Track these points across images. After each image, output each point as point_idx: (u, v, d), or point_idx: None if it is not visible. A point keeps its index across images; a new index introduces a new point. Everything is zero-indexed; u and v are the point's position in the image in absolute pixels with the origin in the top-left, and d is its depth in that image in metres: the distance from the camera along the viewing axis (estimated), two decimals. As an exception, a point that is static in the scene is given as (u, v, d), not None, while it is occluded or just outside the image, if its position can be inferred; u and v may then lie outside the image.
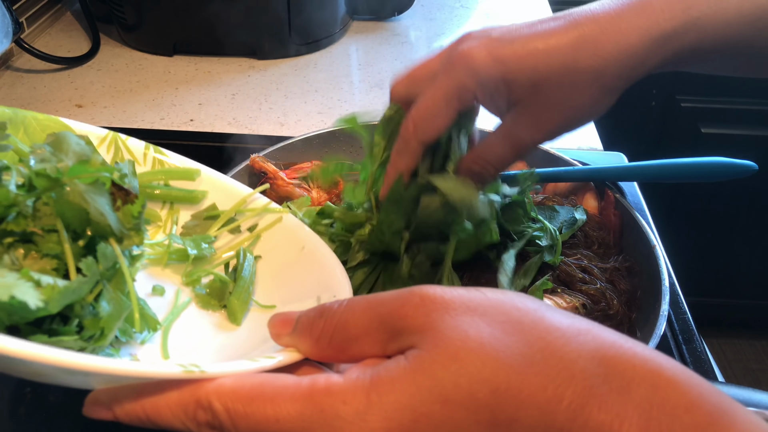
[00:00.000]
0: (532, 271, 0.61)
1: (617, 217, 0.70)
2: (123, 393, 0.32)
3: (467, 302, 0.31)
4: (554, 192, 0.74)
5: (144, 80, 1.10)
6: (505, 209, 0.63)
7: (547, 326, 0.30)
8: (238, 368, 0.32)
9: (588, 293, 0.62)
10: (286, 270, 0.50)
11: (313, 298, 0.45)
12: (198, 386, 0.31)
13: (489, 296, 0.32)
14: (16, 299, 0.32)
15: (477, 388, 0.29)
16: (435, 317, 0.31)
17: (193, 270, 0.50)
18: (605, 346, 0.30)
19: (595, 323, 0.31)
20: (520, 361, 0.29)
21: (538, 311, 0.31)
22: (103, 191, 0.38)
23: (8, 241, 0.36)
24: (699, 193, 1.69)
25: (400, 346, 0.31)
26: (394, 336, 0.32)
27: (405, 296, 0.32)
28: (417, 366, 0.30)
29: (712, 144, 1.64)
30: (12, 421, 0.57)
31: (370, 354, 0.33)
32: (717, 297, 1.89)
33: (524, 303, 0.32)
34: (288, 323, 0.36)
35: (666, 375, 0.29)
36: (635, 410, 0.28)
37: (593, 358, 0.29)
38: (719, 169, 0.66)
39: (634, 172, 0.71)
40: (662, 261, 0.63)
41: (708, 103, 1.65)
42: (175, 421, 0.32)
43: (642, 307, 0.63)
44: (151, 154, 0.55)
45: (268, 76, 1.12)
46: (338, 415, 0.30)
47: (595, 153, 0.93)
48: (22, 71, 1.12)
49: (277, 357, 0.34)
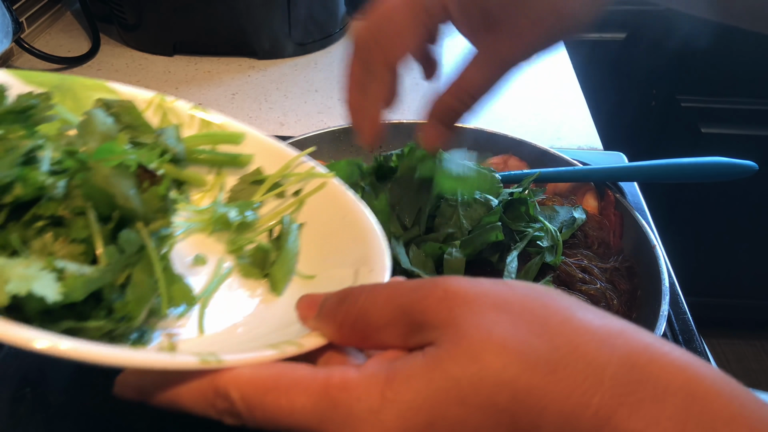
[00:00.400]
0: (532, 272, 0.61)
1: (617, 217, 0.70)
2: (149, 378, 0.33)
3: (493, 298, 0.30)
4: (554, 192, 0.74)
5: (144, 80, 1.10)
6: (507, 207, 0.63)
7: (576, 327, 0.28)
8: (256, 358, 0.32)
9: (588, 293, 0.62)
10: (328, 238, 0.48)
11: (351, 270, 0.44)
12: (217, 376, 0.31)
13: (516, 291, 0.30)
14: (34, 294, 0.32)
15: (497, 392, 0.27)
16: (458, 313, 0.29)
17: (236, 238, 0.48)
18: (639, 351, 0.28)
19: (629, 324, 0.29)
20: (544, 365, 0.27)
21: (568, 310, 0.29)
22: (128, 174, 0.37)
23: (38, 225, 0.37)
24: (699, 193, 1.69)
25: (420, 341, 0.30)
26: (415, 329, 0.30)
27: (428, 288, 0.31)
28: (435, 365, 0.28)
29: (712, 144, 1.64)
30: (12, 421, 0.57)
31: (391, 344, 0.32)
32: (717, 297, 1.89)
33: (553, 300, 0.30)
34: (313, 306, 0.35)
35: (705, 384, 0.27)
36: (669, 421, 0.26)
37: (625, 364, 0.27)
38: (719, 169, 0.66)
39: (634, 172, 0.71)
40: (662, 261, 0.63)
41: (708, 103, 1.65)
42: (196, 407, 0.32)
43: (642, 307, 0.63)
44: (198, 115, 0.54)
45: (268, 76, 1.12)
46: (352, 412, 0.29)
47: (595, 153, 0.93)
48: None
49: (300, 344, 0.34)
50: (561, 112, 1.05)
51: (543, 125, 1.01)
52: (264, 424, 0.31)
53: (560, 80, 1.14)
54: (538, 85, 1.12)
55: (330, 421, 0.29)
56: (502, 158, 0.78)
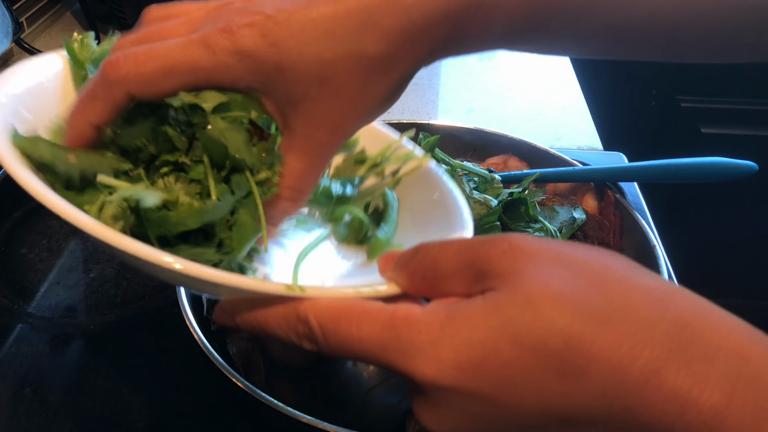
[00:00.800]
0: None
1: (617, 217, 0.70)
2: (242, 305, 0.37)
3: (555, 254, 0.31)
4: (554, 192, 0.74)
5: (144, 80, 1.10)
6: (507, 207, 0.63)
7: (631, 285, 0.30)
8: (336, 292, 0.36)
9: (588, 293, 0.62)
10: (419, 214, 0.52)
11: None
12: (299, 303, 0.35)
13: (578, 250, 0.32)
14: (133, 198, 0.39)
15: (549, 336, 0.28)
16: (520, 264, 0.31)
17: (336, 209, 0.52)
18: (693, 312, 0.29)
19: (685, 289, 0.31)
20: (598, 315, 0.28)
21: (626, 270, 0.31)
22: (241, 129, 0.42)
23: (164, 171, 0.43)
24: (699, 193, 1.69)
25: (483, 287, 0.32)
26: (479, 277, 0.32)
27: (495, 241, 0.32)
28: (493, 306, 0.30)
29: (712, 144, 1.64)
30: (12, 421, 0.57)
31: (457, 292, 0.33)
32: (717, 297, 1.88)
33: (613, 261, 0.32)
34: (391, 260, 0.38)
35: (757, 349, 0.28)
36: (719, 380, 0.27)
37: (678, 322, 0.28)
38: (719, 169, 0.66)
39: (634, 172, 0.71)
40: (662, 261, 0.63)
41: (708, 103, 1.65)
42: (280, 331, 0.36)
43: (642, 307, 0.63)
44: None
45: (268, 76, 1.12)
46: (412, 342, 0.31)
47: (595, 153, 0.93)
48: (22, 71, 1.12)
49: (375, 288, 0.37)
50: (561, 112, 1.05)
51: (543, 125, 1.01)
52: (336, 349, 0.34)
53: (560, 80, 1.14)
54: (538, 85, 1.12)
55: (392, 350, 0.31)
56: (502, 158, 0.78)
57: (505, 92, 1.10)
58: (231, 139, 0.41)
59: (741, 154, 0.68)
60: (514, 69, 1.18)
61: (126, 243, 0.35)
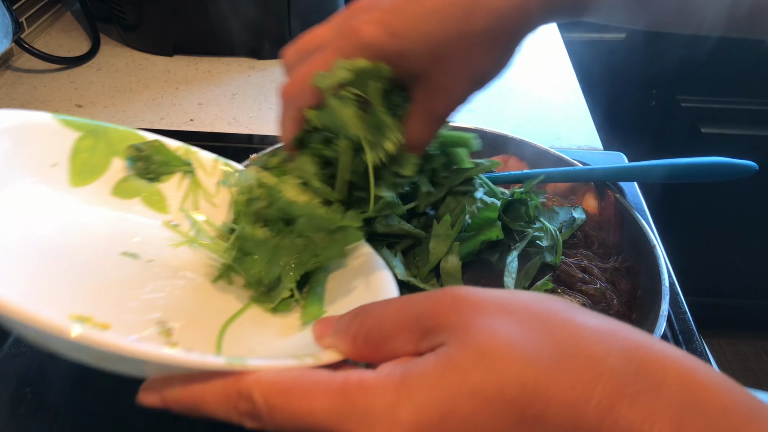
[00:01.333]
0: (532, 272, 0.61)
1: (617, 217, 0.70)
2: (174, 381, 0.35)
3: (498, 302, 0.32)
4: (554, 192, 0.74)
5: (144, 80, 1.10)
6: (507, 207, 0.63)
7: (576, 325, 0.30)
8: (279, 364, 0.34)
9: (588, 293, 0.62)
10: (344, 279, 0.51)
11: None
12: (240, 378, 0.33)
13: (520, 297, 0.32)
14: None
15: (505, 385, 0.29)
16: (466, 316, 0.31)
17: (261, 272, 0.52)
18: (635, 346, 0.29)
19: (625, 324, 0.31)
20: (549, 358, 0.29)
21: (568, 311, 0.31)
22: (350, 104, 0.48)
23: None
24: (699, 193, 1.69)
25: (431, 344, 0.32)
26: (426, 334, 0.32)
27: (438, 296, 0.33)
28: (446, 363, 0.30)
29: (712, 144, 1.64)
30: (12, 421, 0.57)
31: (404, 352, 0.33)
32: (717, 297, 1.89)
33: (554, 304, 0.32)
34: (329, 325, 0.37)
35: (699, 377, 0.28)
36: (667, 410, 0.27)
37: (623, 357, 0.29)
38: (719, 169, 0.66)
39: (634, 172, 0.71)
40: (662, 261, 0.63)
41: (708, 103, 1.65)
42: (218, 410, 0.34)
43: (642, 307, 0.63)
44: (220, 166, 0.59)
45: (268, 76, 1.12)
46: (369, 409, 0.30)
47: (595, 153, 0.93)
48: (22, 71, 1.12)
49: (317, 356, 0.36)
50: (561, 112, 1.05)
51: (543, 125, 1.01)
52: (284, 425, 0.32)
53: (560, 80, 1.14)
54: (538, 85, 1.12)
55: (348, 420, 0.31)
56: (502, 158, 0.78)
57: (505, 92, 1.10)
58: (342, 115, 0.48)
59: (741, 154, 0.68)
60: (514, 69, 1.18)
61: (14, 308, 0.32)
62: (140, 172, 0.57)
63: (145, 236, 0.54)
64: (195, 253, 0.54)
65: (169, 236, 0.55)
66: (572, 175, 0.72)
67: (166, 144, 0.58)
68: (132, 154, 0.57)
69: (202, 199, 0.58)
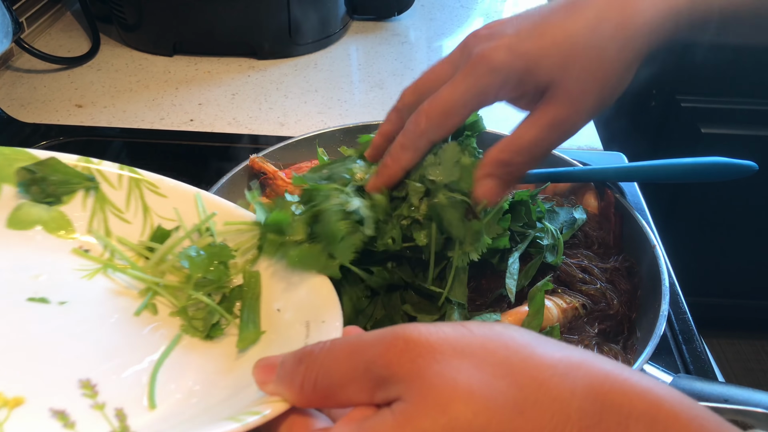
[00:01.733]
0: (532, 272, 0.61)
1: (617, 217, 0.70)
2: None
3: (453, 344, 0.30)
4: (554, 192, 0.74)
5: (144, 80, 1.10)
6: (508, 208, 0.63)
7: (537, 364, 0.29)
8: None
9: (588, 293, 0.62)
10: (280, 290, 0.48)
11: (303, 324, 0.44)
12: None
13: (476, 333, 0.30)
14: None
15: None
16: (421, 364, 0.29)
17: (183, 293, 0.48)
18: (600, 380, 0.28)
19: (588, 353, 0.30)
20: (512, 407, 0.28)
21: (528, 347, 0.30)
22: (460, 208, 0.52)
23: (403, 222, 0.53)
24: (699, 193, 1.69)
25: (386, 396, 0.30)
26: (379, 384, 0.30)
27: (388, 340, 0.30)
28: (405, 422, 0.28)
29: (712, 144, 1.64)
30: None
31: (357, 401, 0.31)
32: (717, 297, 1.89)
33: (513, 339, 0.30)
34: (271, 370, 0.34)
35: (665, 407, 0.27)
36: None
37: (588, 395, 0.28)
38: (719, 169, 0.66)
39: (634, 172, 0.71)
40: (662, 261, 0.63)
41: (708, 103, 1.65)
42: None
43: (642, 307, 0.63)
44: (126, 176, 0.53)
45: (268, 76, 1.12)
46: None
47: (595, 153, 0.93)
48: (22, 71, 1.12)
49: (262, 412, 0.33)
50: (561, 112, 1.04)
51: (543, 125, 1.01)
52: None
53: (560, 80, 1.14)
54: (538, 85, 1.12)
55: None
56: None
57: (505, 92, 1.10)
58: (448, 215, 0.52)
59: (741, 154, 0.68)
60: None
61: None
62: (36, 197, 0.50)
63: (53, 271, 0.48)
64: (111, 281, 0.49)
65: (80, 264, 0.49)
66: (572, 175, 0.72)
67: (62, 160, 0.52)
68: (23, 177, 0.50)
69: (111, 216, 0.52)
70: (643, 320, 0.61)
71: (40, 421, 0.37)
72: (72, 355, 0.42)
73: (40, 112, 1.02)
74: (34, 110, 1.02)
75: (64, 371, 0.41)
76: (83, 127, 0.98)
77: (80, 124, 0.98)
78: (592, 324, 0.60)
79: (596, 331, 0.60)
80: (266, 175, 0.74)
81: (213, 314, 0.46)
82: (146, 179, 0.53)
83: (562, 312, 0.59)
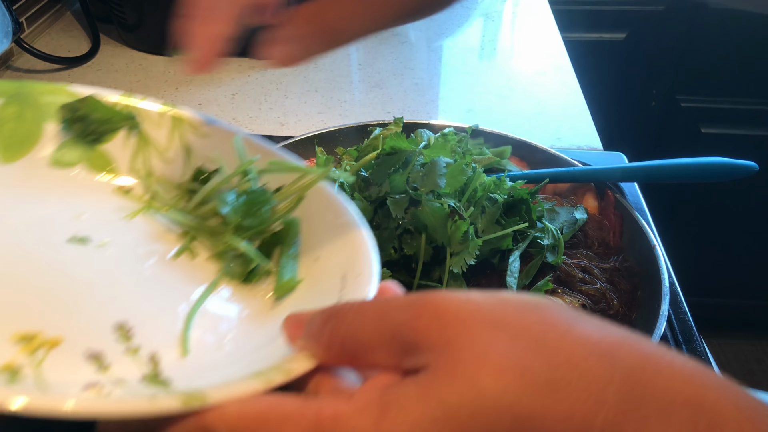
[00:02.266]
0: (533, 272, 0.61)
1: (617, 217, 0.70)
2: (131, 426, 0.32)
3: (486, 314, 0.28)
4: (554, 192, 0.74)
5: (144, 80, 1.10)
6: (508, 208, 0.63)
7: (575, 342, 0.27)
8: (243, 391, 0.31)
9: (588, 293, 0.62)
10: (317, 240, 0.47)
11: (339, 277, 0.43)
12: (203, 416, 0.30)
13: (510, 305, 0.29)
14: None
15: (497, 418, 0.26)
16: (451, 333, 0.28)
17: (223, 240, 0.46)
18: (642, 364, 0.27)
19: (629, 334, 0.28)
20: (545, 385, 0.26)
21: (565, 323, 0.28)
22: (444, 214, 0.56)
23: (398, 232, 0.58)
24: (699, 193, 1.69)
25: (414, 363, 0.29)
26: (408, 349, 0.29)
27: (419, 306, 0.29)
28: (431, 392, 0.27)
29: (712, 144, 1.64)
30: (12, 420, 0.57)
31: (384, 364, 0.30)
32: (717, 297, 1.89)
33: (549, 313, 0.29)
34: (300, 325, 0.33)
35: (711, 396, 0.26)
36: None
37: (628, 378, 0.26)
38: (719, 169, 0.66)
39: (634, 172, 0.71)
40: (662, 261, 0.63)
41: (708, 103, 1.65)
42: None
43: (642, 307, 0.63)
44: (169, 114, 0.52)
45: (268, 76, 1.12)
46: None
47: (595, 153, 0.93)
48: (22, 71, 1.12)
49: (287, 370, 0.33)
50: (561, 112, 1.05)
51: (543, 125, 1.01)
52: None
53: (560, 80, 1.14)
54: (538, 85, 1.12)
55: None
56: (502, 158, 0.78)
57: (505, 92, 1.10)
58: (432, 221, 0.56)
59: (741, 154, 0.68)
60: (514, 69, 1.18)
61: None
62: (78, 134, 0.50)
63: (95, 210, 0.48)
64: (152, 222, 0.48)
65: (121, 204, 0.49)
66: (572, 175, 0.72)
67: (103, 98, 0.51)
68: (66, 115, 0.50)
69: (153, 156, 0.51)
70: (643, 320, 0.61)
71: (75, 362, 0.37)
72: (110, 298, 0.42)
73: (40, 112, 1.02)
74: (34, 110, 1.02)
75: (102, 314, 0.41)
76: (83, 127, 0.98)
77: (80, 124, 0.98)
78: (592, 324, 0.60)
79: (596, 331, 0.60)
80: (266, 175, 0.74)
81: (251, 260, 0.45)
82: (187, 119, 0.52)
83: (562, 312, 0.59)
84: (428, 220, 0.56)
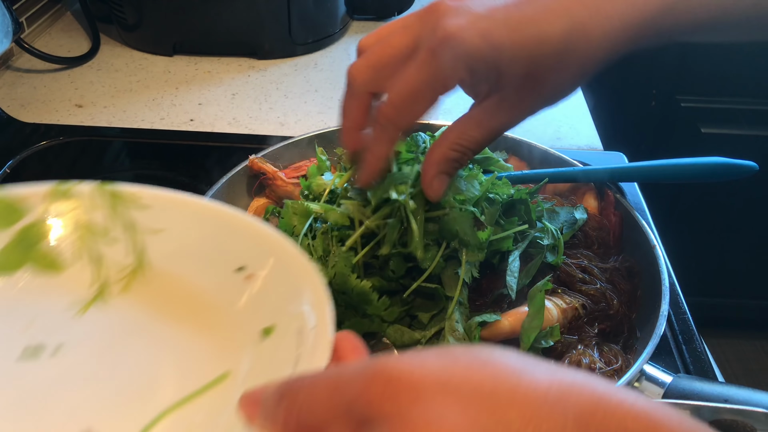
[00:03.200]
0: (532, 272, 0.61)
1: (617, 217, 0.70)
2: None
3: (437, 378, 0.28)
4: (554, 192, 0.74)
5: (144, 80, 1.10)
6: (508, 207, 0.63)
7: (525, 394, 0.28)
8: None
9: (588, 293, 0.62)
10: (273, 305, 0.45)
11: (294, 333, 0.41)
12: None
13: (460, 364, 0.29)
14: None
15: None
16: (403, 402, 0.28)
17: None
18: (593, 406, 0.27)
19: (580, 374, 0.29)
20: None
21: (515, 374, 0.28)
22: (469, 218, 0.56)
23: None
24: (699, 193, 1.69)
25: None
26: (363, 421, 0.29)
27: (369, 377, 0.29)
28: None
29: (712, 144, 1.64)
30: None
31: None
32: (717, 297, 1.89)
33: (499, 367, 0.29)
34: (256, 404, 0.33)
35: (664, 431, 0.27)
36: None
37: (580, 424, 0.27)
38: (719, 169, 0.66)
39: (634, 172, 0.71)
40: (662, 261, 0.63)
41: (708, 103, 1.65)
42: None
43: (642, 307, 0.63)
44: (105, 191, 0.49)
45: (268, 76, 1.12)
46: None
47: (595, 153, 0.93)
48: (22, 71, 1.12)
49: None
50: (561, 112, 1.04)
51: (543, 125, 1.01)
52: None
53: (560, 80, 1.14)
54: (538, 85, 1.12)
55: None
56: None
57: (505, 92, 1.10)
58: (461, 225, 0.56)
59: (741, 154, 0.68)
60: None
61: None
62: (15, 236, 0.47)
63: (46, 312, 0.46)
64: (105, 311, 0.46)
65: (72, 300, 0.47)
66: (572, 175, 0.72)
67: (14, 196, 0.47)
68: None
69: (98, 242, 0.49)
70: (643, 320, 0.61)
71: None
72: (71, 407, 0.41)
73: (40, 112, 1.02)
74: (34, 110, 1.02)
75: (65, 428, 0.40)
76: (83, 127, 0.98)
77: (80, 124, 0.98)
78: (592, 324, 0.60)
79: (596, 331, 0.60)
80: (266, 175, 0.74)
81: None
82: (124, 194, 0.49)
83: (562, 312, 0.59)
84: (459, 227, 0.55)
